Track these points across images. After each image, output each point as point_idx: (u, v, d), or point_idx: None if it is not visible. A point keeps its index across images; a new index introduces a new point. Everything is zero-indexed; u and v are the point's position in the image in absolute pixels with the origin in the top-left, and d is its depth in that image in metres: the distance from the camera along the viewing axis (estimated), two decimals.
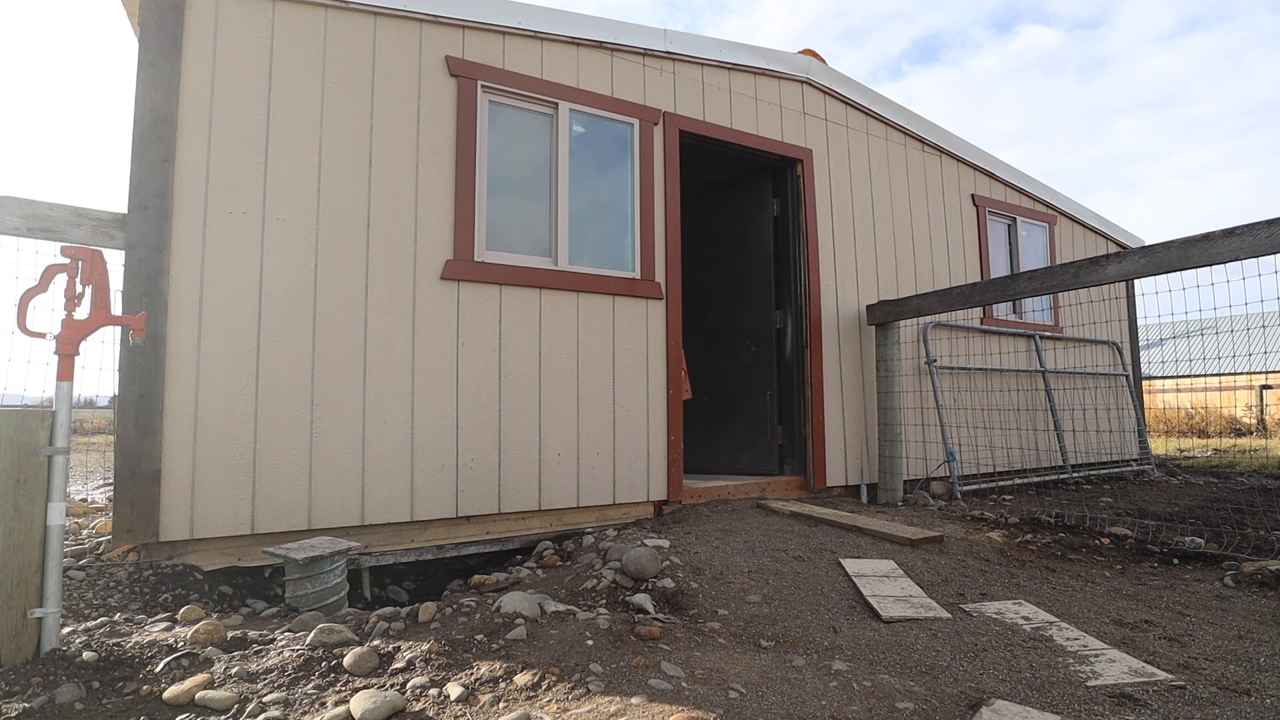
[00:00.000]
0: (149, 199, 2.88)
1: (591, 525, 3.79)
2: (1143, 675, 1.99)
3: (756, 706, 1.72)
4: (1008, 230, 6.43)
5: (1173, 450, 10.12)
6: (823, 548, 3.22)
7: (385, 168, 3.39)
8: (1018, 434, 5.84)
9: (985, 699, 1.82)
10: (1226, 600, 2.72)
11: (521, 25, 3.80)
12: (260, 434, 3.01)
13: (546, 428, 3.68)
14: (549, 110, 3.93)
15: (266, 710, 1.66)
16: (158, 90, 2.93)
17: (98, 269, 2.07)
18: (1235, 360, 20.19)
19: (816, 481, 4.72)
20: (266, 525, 2.99)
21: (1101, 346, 6.90)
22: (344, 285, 3.24)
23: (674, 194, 4.26)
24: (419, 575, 3.74)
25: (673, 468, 4.06)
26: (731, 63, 4.63)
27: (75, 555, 2.94)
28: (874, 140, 5.40)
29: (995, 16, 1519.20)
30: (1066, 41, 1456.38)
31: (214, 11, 3.08)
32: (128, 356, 2.81)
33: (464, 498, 3.43)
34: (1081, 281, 3.63)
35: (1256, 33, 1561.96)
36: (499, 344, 3.59)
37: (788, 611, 2.51)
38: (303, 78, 3.24)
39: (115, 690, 1.78)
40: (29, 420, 1.91)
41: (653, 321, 4.11)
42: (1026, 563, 3.24)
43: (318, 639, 2.03)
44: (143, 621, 2.32)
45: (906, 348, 5.32)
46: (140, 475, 2.78)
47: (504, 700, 1.73)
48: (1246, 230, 2.95)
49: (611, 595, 2.63)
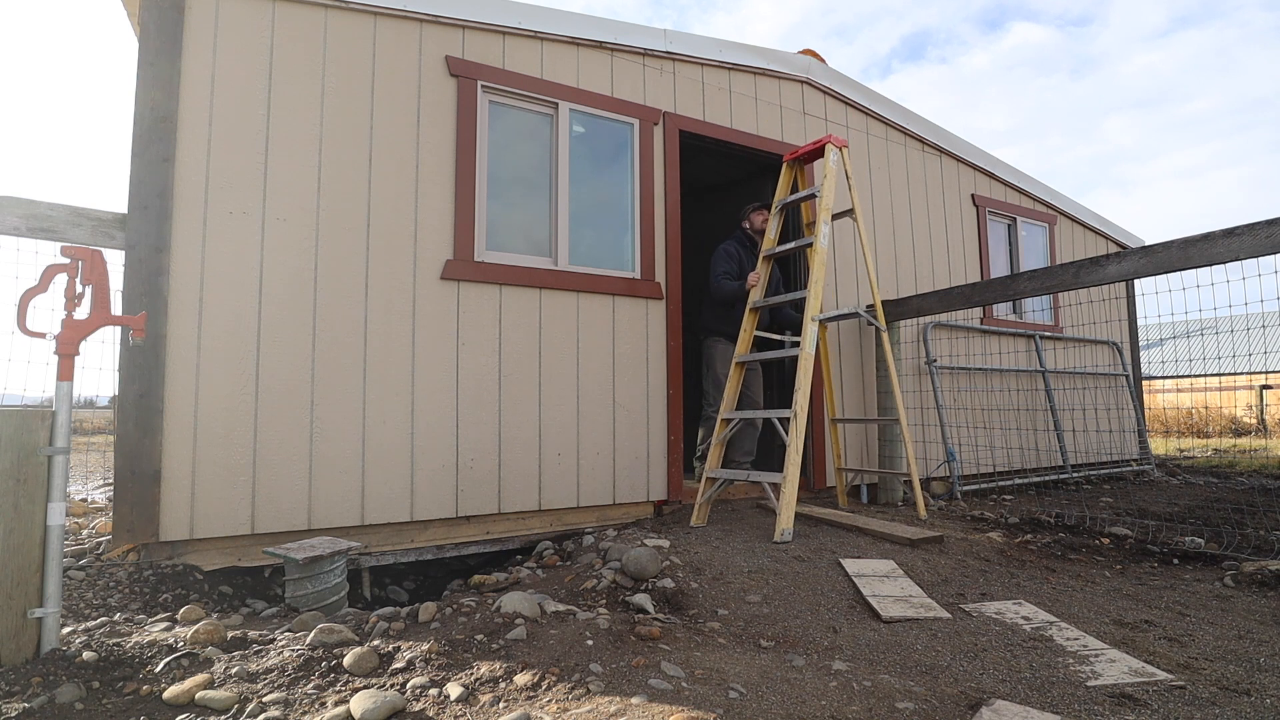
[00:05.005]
0: (149, 199, 2.88)
1: (591, 525, 3.79)
2: (1143, 675, 1.99)
3: (756, 706, 1.72)
4: (1008, 230, 6.43)
5: (1173, 450, 10.12)
6: (823, 548, 3.22)
7: (385, 168, 3.39)
8: (1018, 434, 5.84)
9: (985, 699, 1.82)
10: (1226, 600, 2.72)
11: (521, 25, 3.80)
12: (260, 434, 3.01)
13: (546, 428, 3.68)
14: (549, 110, 3.93)
15: (266, 710, 1.66)
16: (158, 90, 2.93)
17: (98, 269, 2.07)
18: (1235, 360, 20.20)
19: (816, 481, 4.72)
20: (266, 525, 2.99)
21: (1101, 346, 6.90)
22: (344, 285, 3.24)
23: (674, 194, 4.26)
24: (419, 575, 3.74)
25: (673, 468, 4.06)
26: (731, 63, 4.63)
27: (75, 555, 2.94)
28: (874, 140, 5.40)
29: (985, 14, 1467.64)
30: (1057, 39, 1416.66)
31: (214, 11, 3.08)
32: (128, 356, 2.81)
33: (464, 498, 3.43)
34: (1081, 281, 3.63)
35: (1248, 29, 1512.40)
36: (499, 344, 3.59)
37: (788, 611, 2.51)
38: (303, 78, 3.24)
39: (115, 690, 1.78)
40: (29, 420, 1.91)
41: (653, 321, 4.11)
42: (1026, 563, 3.24)
43: (318, 639, 2.03)
44: (143, 621, 2.31)
45: (906, 348, 5.32)
46: (140, 475, 2.78)
47: (504, 700, 1.73)
48: (1246, 230, 2.95)
49: (611, 595, 2.63)
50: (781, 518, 3.35)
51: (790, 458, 3.44)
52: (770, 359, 4.28)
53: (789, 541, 3.30)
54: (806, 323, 3.74)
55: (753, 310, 4.21)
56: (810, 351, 3.66)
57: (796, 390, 3.56)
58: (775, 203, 4.39)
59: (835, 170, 4.12)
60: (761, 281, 4.27)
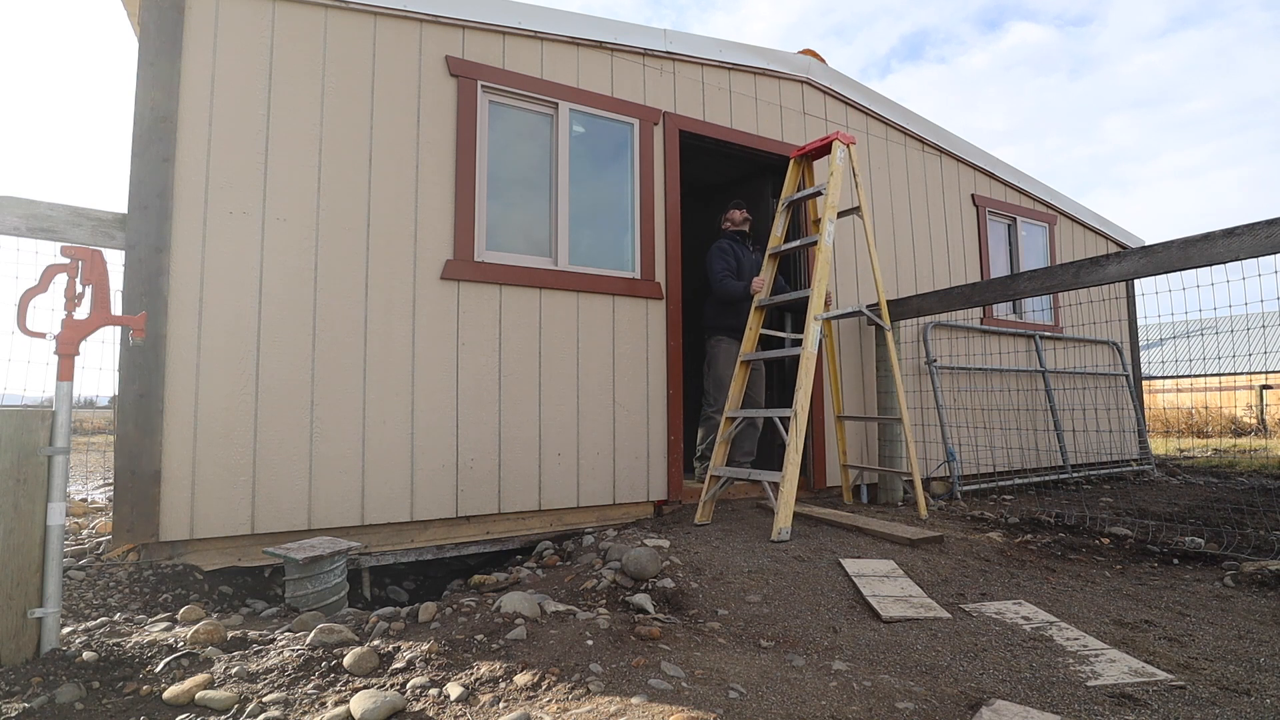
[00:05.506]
0: (149, 199, 2.88)
1: (591, 525, 3.79)
2: (1143, 675, 1.99)
3: (756, 706, 1.72)
4: (1008, 230, 6.43)
5: (1173, 450, 10.12)
6: (823, 548, 3.22)
7: (385, 168, 3.39)
8: (1018, 434, 5.84)
9: (985, 699, 1.82)
10: (1226, 600, 2.72)
11: (521, 25, 3.80)
12: (260, 434, 3.01)
13: (546, 428, 3.68)
14: (549, 110, 3.93)
15: (266, 710, 1.66)
16: (158, 90, 2.93)
17: (98, 269, 2.07)
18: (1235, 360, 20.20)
19: (817, 481, 4.72)
20: (266, 525, 2.99)
21: (1101, 346, 6.90)
22: (344, 285, 3.24)
23: (674, 194, 4.26)
24: (419, 575, 3.74)
25: (673, 468, 4.06)
26: (731, 63, 4.63)
27: (75, 555, 2.94)
28: (874, 140, 5.40)
29: (984, 13, 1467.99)
30: (1056, 39, 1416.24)
31: (214, 11, 3.08)
32: (128, 356, 2.81)
33: (464, 498, 3.43)
34: (1081, 281, 3.63)
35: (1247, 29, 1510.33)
36: (499, 344, 3.59)
37: (788, 611, 2.51)
38: (303, 78, 3.24)
39: (115, 690, 1.78)
40: (29, 420, 1.91)
41: (653, 321, 4.11)
42: (1026, 563, 3.24)
43: (318, 639, 2.03)
44: (143, 621, 2.31)
45: (906, 348, 5.32)
46: (140, 475, 2.78)
47: (504, 700, 1.73)
48: (1246, 230, 2.95)
49: (611, 595, 2.63)
50: (780, 516, 3.36)
51: (789, 457, 3.45)
52: (772, 358, 4.29)
53: (787, 540, 3.30)
54: (809, 321, 3.74)
55: (758, 309, 4.23)
56: (812, 351, 3.66)
57: (797, 389, 3.56)
58: (782, 199, 4.41)
59: (842, 168, 4.11)
60: (767, 281, 4.29)
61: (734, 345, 4.52)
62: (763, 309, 4.24)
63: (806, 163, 4.51)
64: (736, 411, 3.99)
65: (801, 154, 4.42)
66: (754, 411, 3.91)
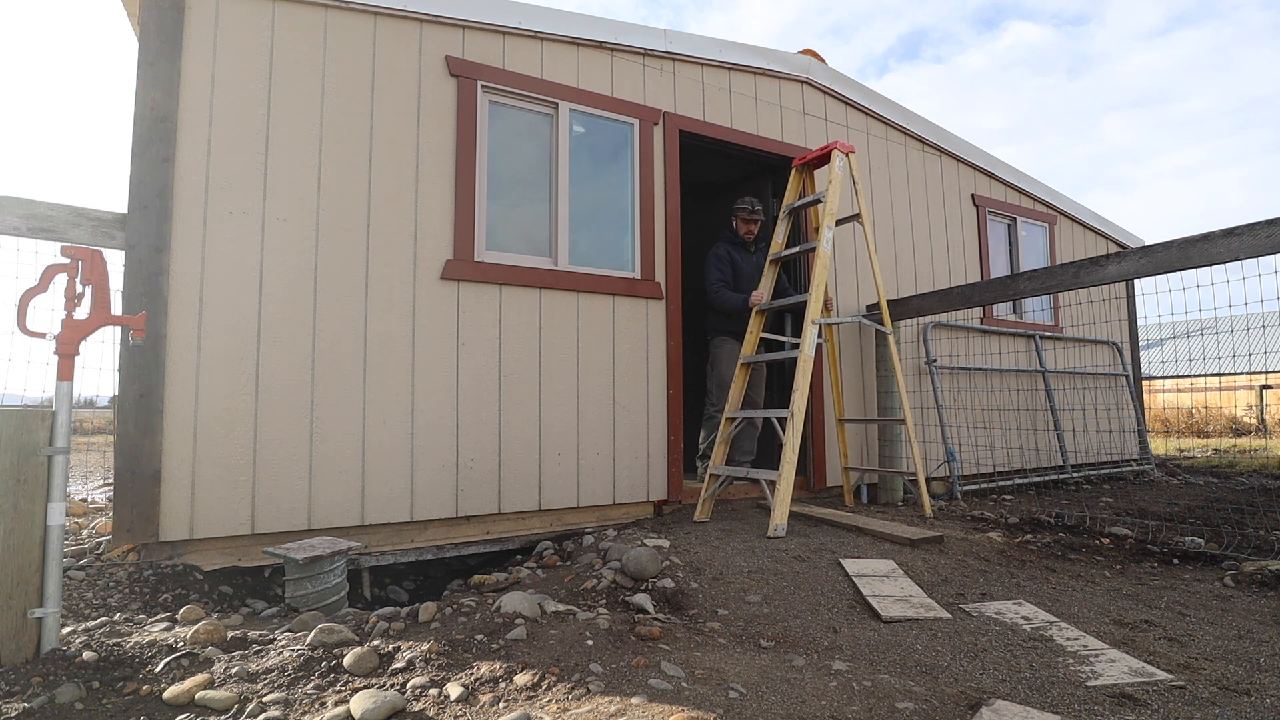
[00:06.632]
0: (149, 199, 2.88)
1: (591, 525, 3.79)
2: (1143, 675, 1.99)
3: (756, 706, 1.72)
4: (1008, 230, 6.43)
5: (1173, 450, 10.12)
6: (823, 548, 3.22)
7: (385, 168, 3.39)
8: (1018, 434, 5.84)
9: (985, 699, 1.82)
10: (1226, 600, 2.72)
11: (521, 25, 3.80)
12: (260, 434, 3.01)
13: (546, 427, 3.68)
14: (549, 110, 3.93)
15: (266, 710, 1.66)
16: (158, 90, 2.93)
17: (98, 269, 2.07)
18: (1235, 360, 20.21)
19: (816, 481, 4.72)
20: (266, 525, 2.99)
21: (1101, 346, 6.90)
22: (344, 285, 3.24)
23: (674, 194, 4.26)
24: (419, 575, 3.74)
25: (673, 468, 4.06)
26: (731, 63, 4.63)
27: (75, 555, 2.94)
28: (874, 140, 5.40)
29: (981, 13, 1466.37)
30: (1054, 38, 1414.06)
31: (214, 11, 3.08)
32: (128, 356, 2.81)
33: (464, 498, 3.43)
34: (1081, 281, 3.63)
35: (1245, 29, 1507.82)
36: (499, 344, 3.59)
37: (788, 611, 2.51)
38: (303, 78, 3.24)
39: (115, 690, 1.78)
40: (29, 420, 1.91)
41: (653, 321, 4.11)
42: (1026, 563, 3.24)
43: (318, 639, 2.03)
44: (143, 621, 2.31)
45: (906, 348, 5.32)
46: (140, 475, 2.78)
47: (504, 700, 1.73)
48: (1246, 230, 2.95)
49: (611, 595, 2.63)
50: (776, 513, 3.40)
51: (786, 455, 3.49)
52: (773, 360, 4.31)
53: (783, 536, 3.35)
54: (806, 326, 3.78)
55: (759, 313, 4.29)
56: (809, 354, 3.71)
57: (794, 390, 3.60)
58: (783, 207, 4.50)
59: (841, 176, 4.17)
60: (768, 286, 4.35)
61: (737, 346, 4.55)
62: (763, 313, 4.30)
63: (808, 171, 4.56)
64: (736, 412, 4.05)
65: (803, 163, 4.49)
66: (753, 412, 3.96)
